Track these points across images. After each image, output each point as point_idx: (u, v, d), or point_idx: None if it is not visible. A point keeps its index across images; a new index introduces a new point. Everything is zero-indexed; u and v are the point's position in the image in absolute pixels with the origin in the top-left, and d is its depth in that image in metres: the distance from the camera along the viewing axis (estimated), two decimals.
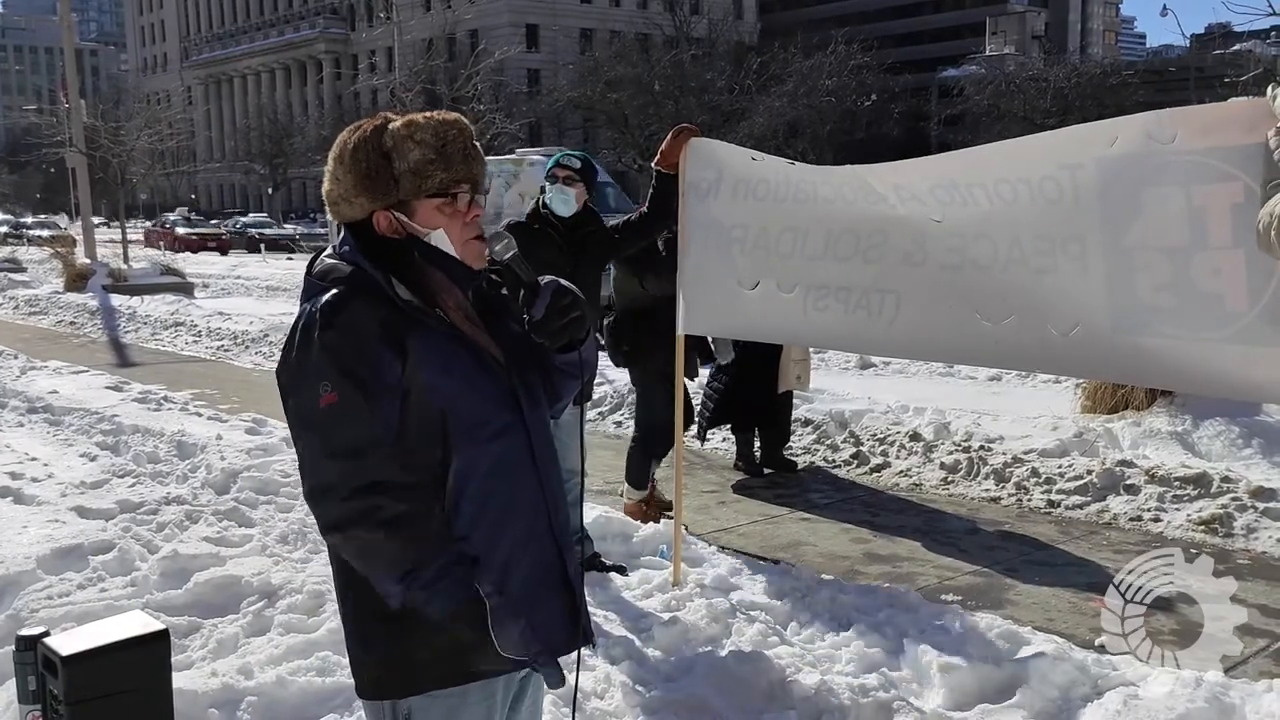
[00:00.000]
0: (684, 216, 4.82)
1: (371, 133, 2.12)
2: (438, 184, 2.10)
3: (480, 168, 2.17)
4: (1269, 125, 3.12)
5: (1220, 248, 3.29)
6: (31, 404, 9.42)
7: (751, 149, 5.01)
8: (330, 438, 2.01)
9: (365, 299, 2.03)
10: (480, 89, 38.11)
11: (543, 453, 2.18)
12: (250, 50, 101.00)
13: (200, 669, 3.97)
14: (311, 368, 2.01)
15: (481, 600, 2.01)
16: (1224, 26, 72.01)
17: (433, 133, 2.10)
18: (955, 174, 4.01)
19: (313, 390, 2.01)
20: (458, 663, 2.07)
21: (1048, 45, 79.35)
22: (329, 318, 2.01)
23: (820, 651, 4.23)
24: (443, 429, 2.06)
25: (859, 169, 4.46)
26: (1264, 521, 5.86)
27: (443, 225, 2.13)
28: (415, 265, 2.11)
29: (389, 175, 2.09)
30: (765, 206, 4.60)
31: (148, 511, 5.93)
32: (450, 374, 2.06)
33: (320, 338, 2.01)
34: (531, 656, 2.08)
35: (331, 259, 2.13)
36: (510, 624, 2.04)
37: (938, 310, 4.08)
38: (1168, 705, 3.47)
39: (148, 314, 17.12)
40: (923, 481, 7.16)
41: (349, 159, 2.11)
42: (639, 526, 5.65)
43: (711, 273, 4.81)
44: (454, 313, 2.11)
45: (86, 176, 25.81)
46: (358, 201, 2.12)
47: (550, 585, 2.17)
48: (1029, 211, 3.75)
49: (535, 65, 77.52)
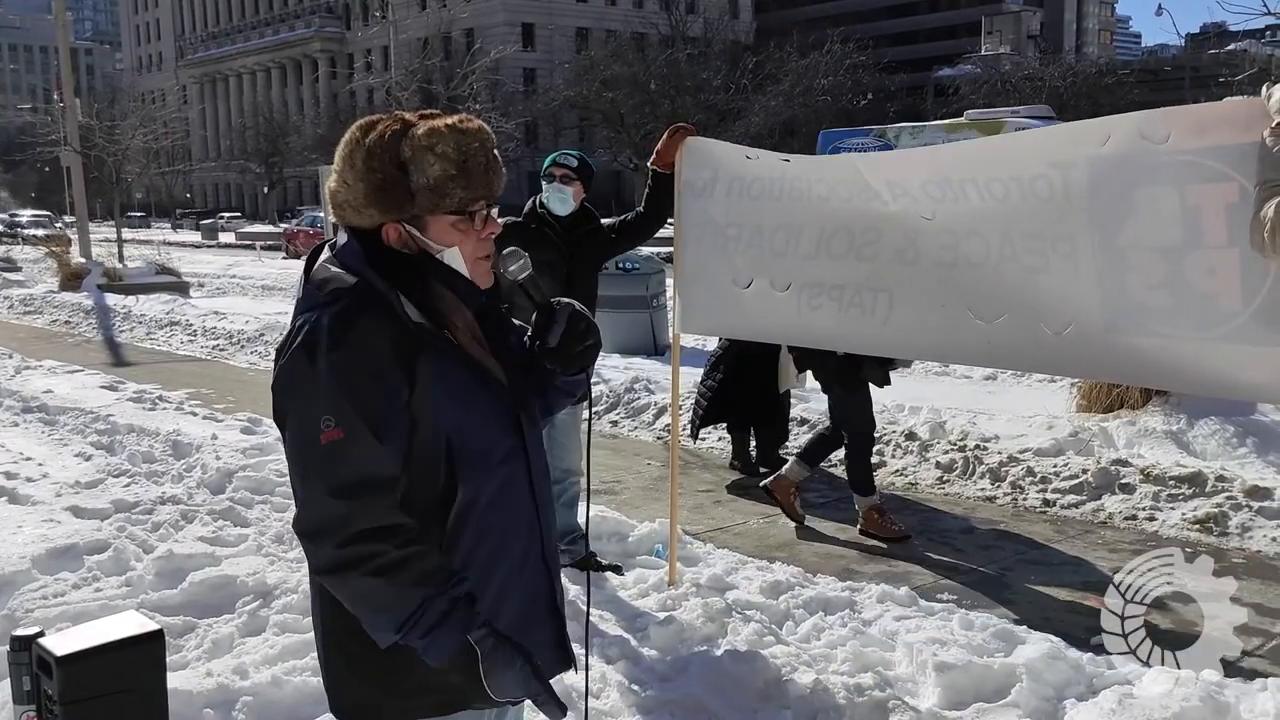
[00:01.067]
0: (680, 216, 4.82)
1: (389, 139, 1.95)
2: (456, 202, 1.97)
3: (499, 181, 2.03)
4: (1264, 124, 3.12)
5: (1215, 247, 3.29)
6: (26, 403, 9.41)
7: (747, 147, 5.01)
8: (330, 477, 1.86)
9: (375, 316, 1.89)
10: (476, 88, 38.19)
11: (540, 478, 2.12)
12: (245, 49, 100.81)
13: (195, 669, 3.97)
14: (316, 394, 1.86)
15: (475, 651, 1.91)
16: (1219, 26, 72.10)
17: (455, 145, 1.95)
18: (948, 169, 4.00)
19: (314, 422, 1.85)
20: (446, 694, 2.00)
21: (1043, 45, 79.28)
22: (338, 336, 1.86)
23: (815, 651, 4.23)
24: (448, 457, 1.95)
25: (855, 158, 4.43)
26: (1259, 520, 5.87)
27: (456, 243, 2.00)
28: (426, 283, 1.97)
29: (405, 189, 1.94)
30: (760, 205, 4.59)
31: (143, 511, 5.93)
32: (458, 399, 1.95)
33: (327, 358, 1.85)
34: (531, 696, 2.01)
35: (333, 266, 1.97)
36: (504, 670, 1.94)
37: (931, 308, 4.07)
38: (1163, 704, 3.48)
39: (143, 313, 17.08)
40: (918, 480, 7.16)
41: (362, 166, 1.96)
42: (634, 525, 5.65)
43: (707, 272, 4.80)
44: (462, 333, 1.99)
45: (81, 175, 25.75)
46: (368, 212, 1.97)
47: (538, 615, 2.11)
48: (1020, 209, 3.74)
49: (531, 64, 77.51)
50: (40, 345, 14.60)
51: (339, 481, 1.86)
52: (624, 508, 6.24)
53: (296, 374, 1.90)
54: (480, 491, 1.99)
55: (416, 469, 1.93)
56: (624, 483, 7.20)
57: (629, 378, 9.43)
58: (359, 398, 1.86)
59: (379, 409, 1.87)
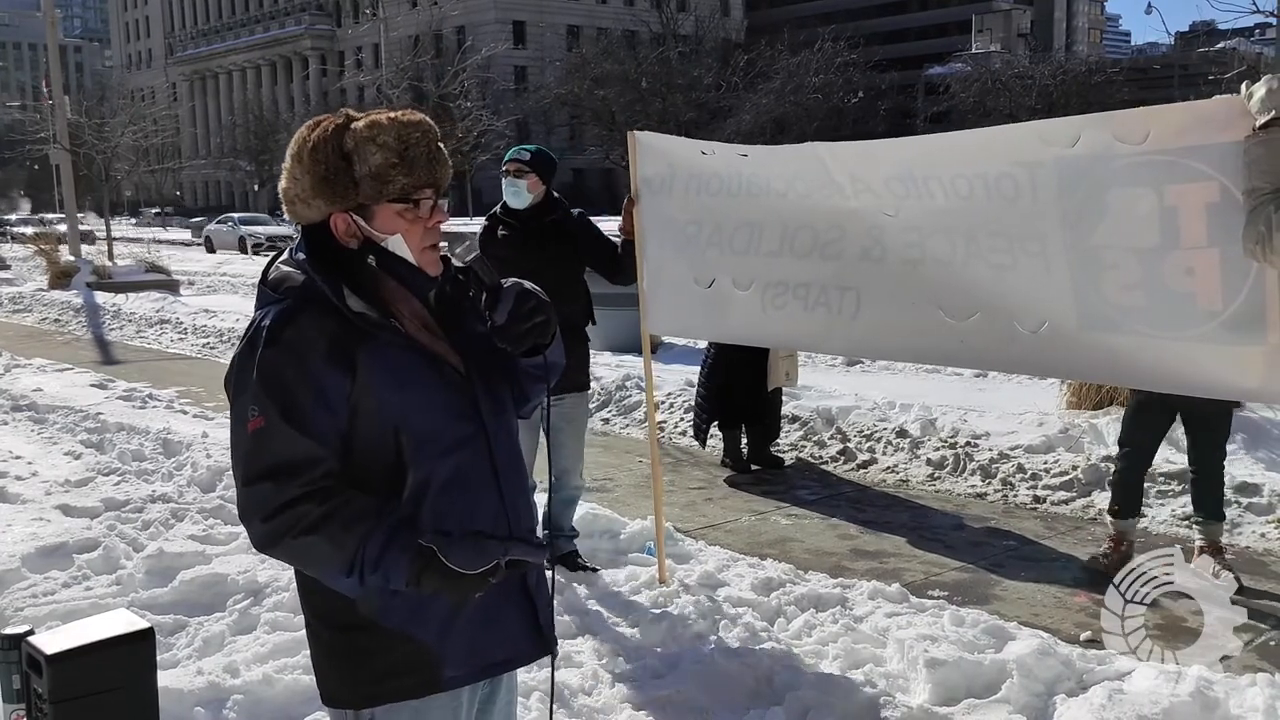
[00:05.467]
0: (639, 214, 4.73)
1: (333, 132, 2.03)
2: (399, 189, 2.03)
3: (444, 171, 2.09)
4: (1245, 123, 3.11)
5: (1194, 247, 3.26)
6: (15, 402, 9.38)
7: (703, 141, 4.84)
8: (252, 462, 1.96)
9: (313, 313, 1.97)
10: (467, 86, 38.07)
11: (505, 462, 2.13)
12: (235, 46, 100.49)
13: (186, 667, 3.96)
14: (246, 387, 1.97)
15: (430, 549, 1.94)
16: (1208, 24, 72.52)
17: (395, 135, 2.02)
18: (912, 165, 3.89)
19: (242, 412, 1.97)
20: (419, 674, 2.04)
21: (1033, 43, 79.46)
22: (273, 333, 1.96)
23: (807, 647, 4.23)
24: (396, 443, 2.00)
25: (818, 147, 4.28)
26: (1247, 516, 5.89)
27: (402, 231, 2.05)
28: (369, 273, 2.04)
29: (349, 178, 2.02)
30: (718, 202, 4.49)
31: (133, 509, 5.92)
32: (402, 388, 2.00)
33: (261, 355, 1.96)
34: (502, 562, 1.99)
35: (287, 266, 2.06)
36: (459, 548, 1.96)
37: (900, 307, 3.98)
38: (1152, 699, 3.49)
39: (133, 311, 17.03)
40: (909, 478, 7.18)
41: (308, 159, 2.03)
42: (626, 523, 5.65)
43: (669, 271, 4.72)
44: (409, 322, 2.05)
45: (71, 173, 25.69)
46: (315, 203, 2.04)
47: (509, 597, 2.11)
48: (985, 208, 3.68)
49: (522, 62, 77.43)
50: (29, 343, 14.55)
51: (261, 465, 1.95)
52: (615, 505, 6.24)
53: (237, 367, 2.01)
54: (432, 474, 2.02)
55: (366, 453, 2.00)
56: (615, 480, 7.21)
57: (620, 375, 9.42)
58: (283, 389, 1.95)
59: (303, 401, 1.95)
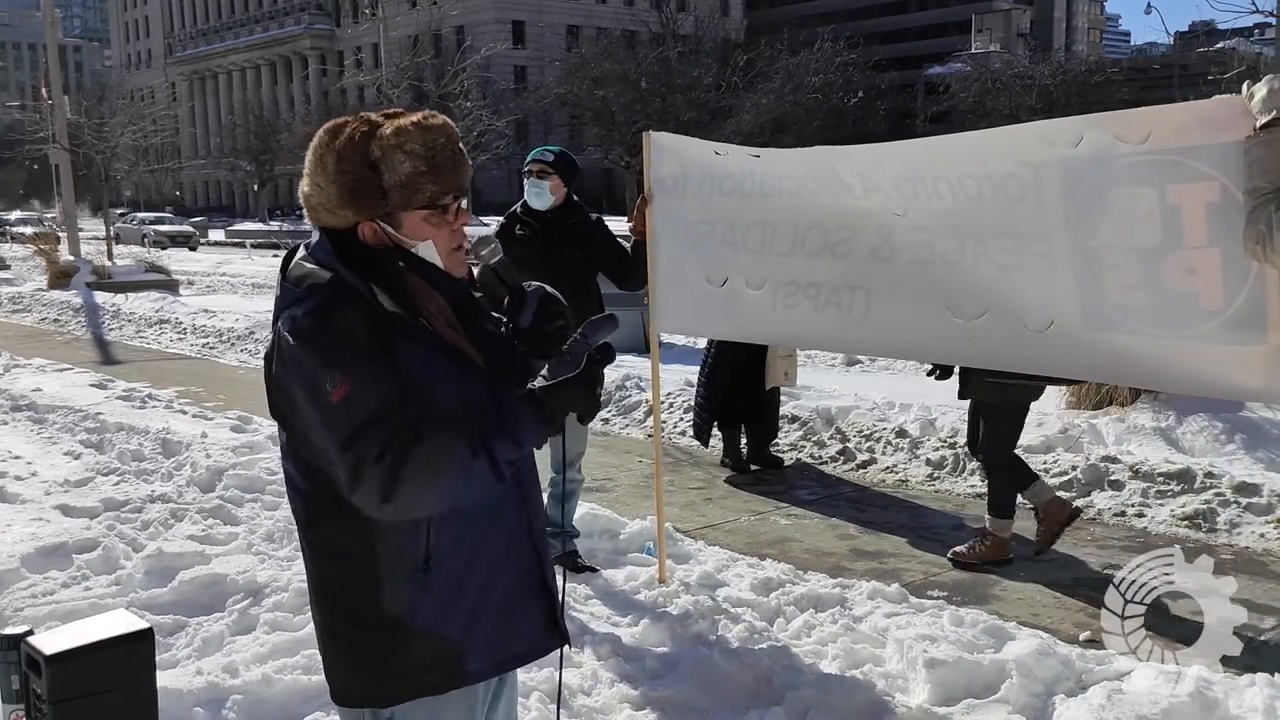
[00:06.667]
0: (651, 214, 4.76)
1: (359, 140, 2.01)
2: (428, 197, 2.03)
3: (467, 174, 2.11)
4: (1245, 123, 3.12)
5: (1195, 247, 3.28)
6: (15, 402, 9.38)
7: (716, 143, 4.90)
8: (346, 422, 1.90)
9: (350, 306, 1.96)
10: (467, 86, 37.99)
11: (524, 459, 2.15)
12: (235, 46, 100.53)
13: (185, 667, 3.96)
14: (314, 370, 1.93)
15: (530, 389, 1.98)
16: (1208, 24, 72.55)
17: (422, 142, 2.01)
18: (920, 165, 3.95)
19: (322, 392, 1.91)
20: (443, 670, 2.06)
21: (1033, 43, 79.54)
22: (322, 320, 1.94)
23: (806, 647, 4.23)
24: None
25: (828, 152, 4.35)
26: (1247, 517, 5.89)
27: (430, 236, 2.07)
28: (398, 274, 2.04)
29: (377, 188, 2.01)
30: (731, 202, 4.53)
31: (132, 510, 5.91)
32: (431, 382, 2.01)
33: (317, 341, 1.93)
34: (592, 350, 2.02)
35: (308, 263, 2.04)
36: (556, 364, 2.00)
37: (909, 307, 4.02)
38: (1151, 699, 3.49)
39: (132, 311, 17.02)
40: (909, 478, 7.18)
41: (333, 168, 2.01)
42: (625, 523, 5.65)
43: (681, 270, 4.74)
44: (436, 319, 2.06)
45: (70, 173, 25.69)
46: (342, 213, 2.03)
47: (529, 589, 2.16)
48: (992, 209, 3.72)
49: (522, 62, 77.47)
50: (29, 343, 14.54)
51: (357, 420, 1.90)
52: (615, 505, 6.24)
53: (293, 363, 1.96)
54: None
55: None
56: (615, 480, 7.20)
57: (620, 375, 9.42)
58: (353, 355, 1.92)
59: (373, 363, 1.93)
